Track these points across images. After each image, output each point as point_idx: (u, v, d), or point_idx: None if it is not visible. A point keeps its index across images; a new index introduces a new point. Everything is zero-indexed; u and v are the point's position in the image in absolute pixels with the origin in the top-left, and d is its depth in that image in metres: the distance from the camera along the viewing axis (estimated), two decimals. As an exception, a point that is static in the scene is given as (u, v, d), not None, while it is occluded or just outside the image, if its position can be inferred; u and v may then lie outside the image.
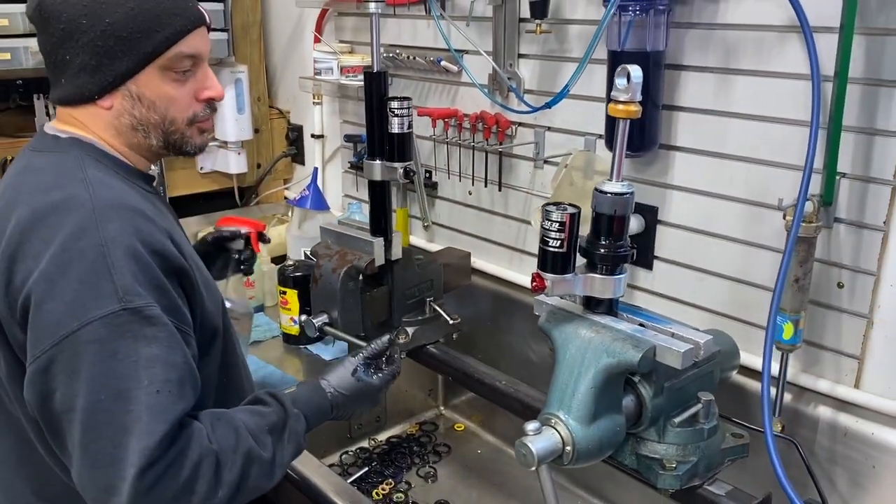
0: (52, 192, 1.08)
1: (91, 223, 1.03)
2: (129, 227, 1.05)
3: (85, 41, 1.10)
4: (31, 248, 1.03)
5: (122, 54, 1.12)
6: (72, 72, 1.13)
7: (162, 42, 1.13)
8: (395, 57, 2.05)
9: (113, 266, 1.00)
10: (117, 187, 1.12)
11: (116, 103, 1.15)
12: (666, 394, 1.26)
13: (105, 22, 1.10)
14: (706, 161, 1.52)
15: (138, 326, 1.00)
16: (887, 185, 1.29)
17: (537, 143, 1.83)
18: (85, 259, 1.01)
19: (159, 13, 1.13)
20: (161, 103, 1.16)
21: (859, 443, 1.39)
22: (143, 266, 1.04)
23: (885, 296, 1.33)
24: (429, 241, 2.20)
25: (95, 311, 0.99)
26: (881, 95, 1.26)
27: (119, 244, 1.02)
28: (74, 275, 1.00)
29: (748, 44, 1.41)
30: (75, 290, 1.00)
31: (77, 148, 1.16)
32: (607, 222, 1.19)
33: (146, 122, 1.17)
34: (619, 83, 1.13)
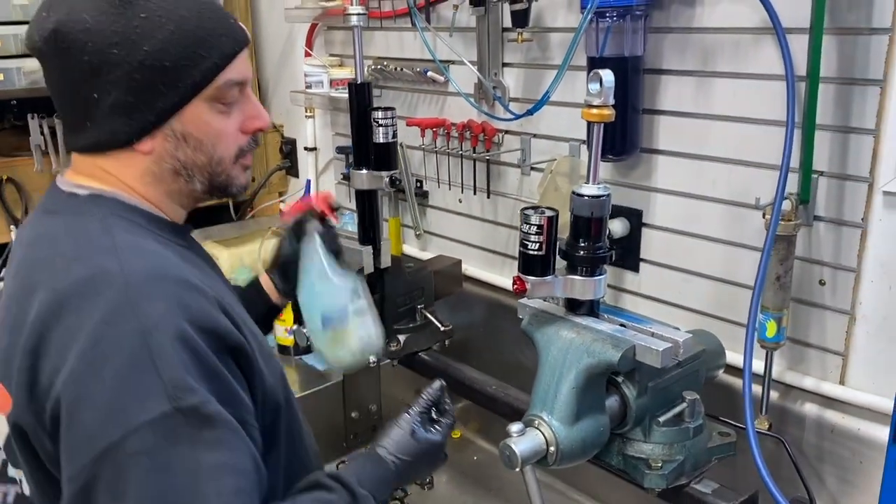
0: (74, 267, 0.90)
1: (126, 304, 0.85)
2: (174, 304, 0.87)
3: (118, 75, 0.92)
4: (56, 340, 0.86)
5: (164, 87, 0.94)
6: (101, 113, 0.94)
7: (210, 69, 0.96)
8: (382, 69, 2.08)
9: (158, 356, 0.82)
10: (152, 251, 0.94)
11: (157, 146, 0.98)
12: (650, 393, 1.27)
13: (142, 50, 0.92)
14: (688, 163, 1.53)
15: (195, 429, 0.82)
16: (863, 182, 1.30)
17: (523, 150, 1.85)
18: (122, 351, 0.83)
19: (204, 35, 0.95)
20: (208, 140, 1.00)
21: (846, 439, 1.40)
22: (195, 352, 0.85)
23: (866, 292, 1.34)
24: (421, 250, 2.22)
25: (140, 416, 0.81)
26: (854, 94, 1.28)
27: (163, 328, 0.84)
28: (111, 372, 0.82)
29: (725, 46, 1.43)
30: (113, 390, 0.82)
31: (100, 206, 0.97)
32: (585, 224, 1.21)
33: (191, 164, 1.00)
34: (592, 88, 1.15)
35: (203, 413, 0.83)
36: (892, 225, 1.28)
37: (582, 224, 1.21)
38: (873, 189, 1.29)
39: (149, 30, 0.92)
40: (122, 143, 0.97)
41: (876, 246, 1.31)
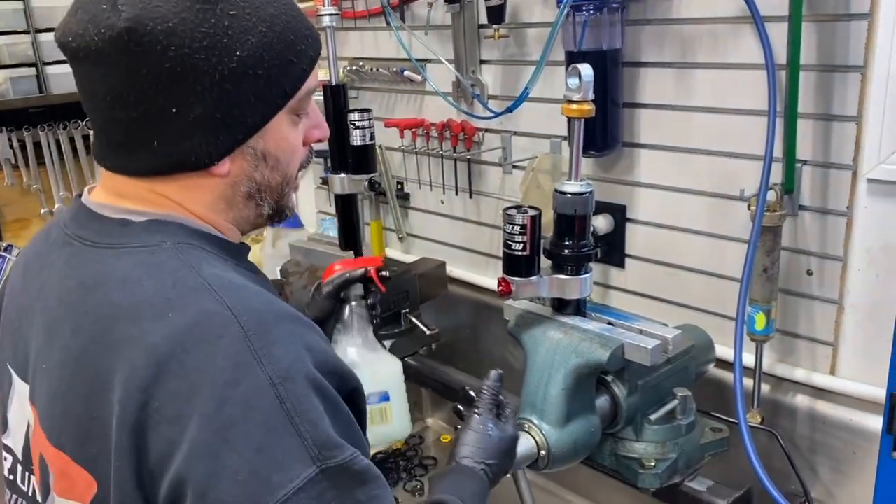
0: (168, 314, 0.75)
1: (247, 353, 0.72)
2: (298, 346, 0.75)
3: (206, 85, 0.78)
4: (165, 407, 0.72)
5: (255, 99, 0.81)
6: (177, 130, 0.80)
7: (299, 77, 0.85)
8: (358, 70, 2.05)
9: (295, 412, 0.71)
10: (245, 286, 0.80)
11: (235, 167, 0.84)
12: (640, 392, 1.26)
13: (235, 56, 0.79)
14: (670, 156, 1.51)
15: (347, 490, 0.72)
16: (847, 169, 1.28)
17: (504, 148, 1.82)
18: (254, 412, 0.70)
19: (293, 37, 0.83)
20: (285, 158, 0.88)
21: (838, 429, 1.38)
22: (329, 399, 0.75)
23: (854, 281, 1.33)
24: (405, 253, 2.19)
25: (286, 486, 0.69)
26: (835, 81, 1.27)
27: (294, 376, 0.72)
28: (245, 439, 0.70)
29: (703, 37, 1.41)
30: (251, 461, 0.69)
31: (165, 235, 0.82)
32: (569, 222, 1.19)
33: (266, 186, 0.87)
34: (571, 83, 1.13)
35: (353, 471, 0.73)
36: (877, 212, 1.27)
37: (565, 222, 1.19)
38: (857, 176, 1.28)
39: (240, 31, 0.79)
40: (198, 166, 0.82)
41: (862, 234, 1.30)
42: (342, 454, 0.72)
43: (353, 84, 2.13)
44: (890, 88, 1.21)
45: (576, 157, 1.17)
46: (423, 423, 2.22)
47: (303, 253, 1.70)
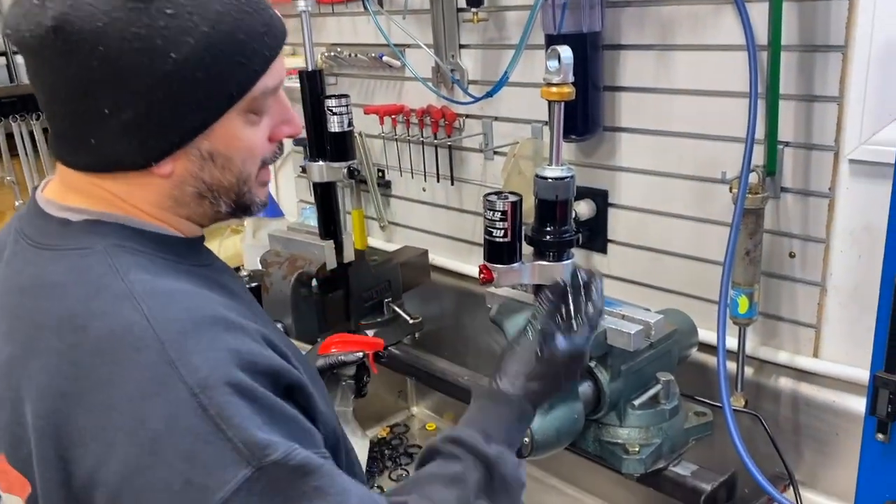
0: (86, 324, 0.74)
1: (166, 366, 0.70)
2: (220, 352, 0.73)
3: (139, 88, 0.74)
4: (87, 424, 0.71)
5: (195, 103, 0.77)
6: (110, 131, 0.77)
7: (250, 77, 0.79)
8: (336, 55, 2.02)
9: (220, 418, 0.69)
10: (174, 291, 0.78)
11: (178, 168, 0.81)
12: (624, 377, 1.25)
13: (170, 59, 0.74)
14: (652, 140, 1.50)
15: (288, 485, 0.71)
16: (829, 150, 1.28)
17: (485, 134, 1.80)
18: (178, 423, 0.69)
19: (243, 37, 0.77)
20: (238, 157, 0.83)
21: (822, 411, 1.38)
22: (257, 400, 0.73)
23: (836, 263, 1.32)
24: (387, 242, 2.16)
25: (222, 489, 0.68)
26: (816, 61, 1.26)
27: (215, 384, 0.70)
28: (173, 451, 0.69)
29: (684, 18, 1.40)
30: (183, 472, 0.69)
31: (100, 236, 0.80)
32: (550, 208, 1.17)
33: (217, 186, 0.83)
34: (551, 65, 1.11)
35: (291, 465, 0.71)
36: (859, 193, 1.27)
37: (547, 208, 1.17)
38: (839, 157, 1.27)
39: (178, 32, 0.74)
40: (136, 167, 0.80)
41: (844, 215, 1.29)
42: (276, 451, 0.70)
43: (332, 70, 2.10)
44: (871, 68, 1.20)
45: (556, 142, 1.15)
46: (408, 412, 2.21)
47: (282, 243, 1.67)
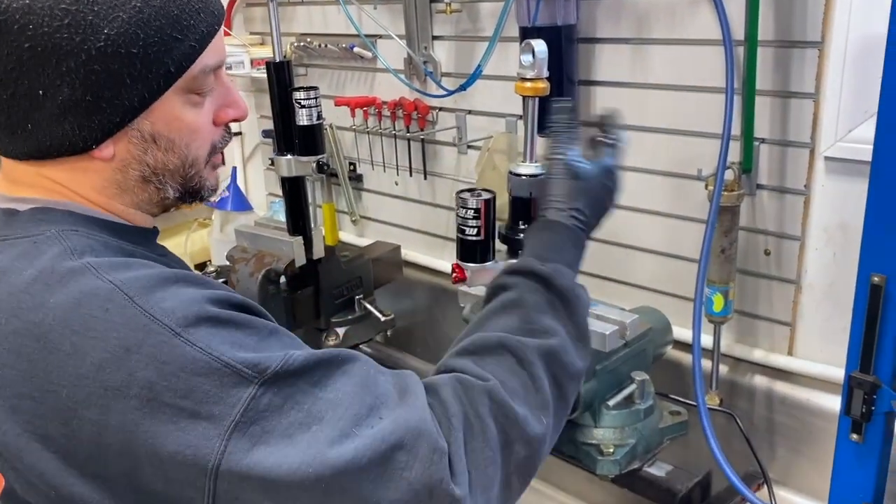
0: (44, 300, 0.72)
1: (140, 315, 0.70)
2: (188, 296, 0.72)
3: (71, 67, 0.73)
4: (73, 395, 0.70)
5: (131, 80, 0.75)
6: (47, 114, 0.75)
7: (187, 55, 0.78)
8: (306, 46, 1.97)
9: (211, 348, 0.69)
10: (133, 263, 0.76)
11: (120, 151, 0.79)
12: (598, 377, 1.23)
13: (102, 35, 0.73)
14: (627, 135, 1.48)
15: (293, 387, 0.71)
16: (805, 147, 1.27)
17: (459, 127, 1.77)
18: (169, 364, 0.68)
19: (177, 12, 0.77)
20: (181, 140, 0.82)
21: (796, 410, 1.38)
22: (239, 325, 0.72)
23: (811, 260, 1.31)
24: (359, 236, 2.13)
25: (231, 413, 0.68)
26: (793, 57, 1.24)
27: (196, 320, 0.70)
28: (170, 392, 0.68)
29: (660, 12, 1.38)
30: (185, 408, 0.68)
31: (51, 223, 0.79)
32: (524, 205, 1.14)
33: (162, 169, 0.82)
34: (524, 59, 1.08)
35: (291, 370, 0.70)
36: (835, 191, 1.26)
37: (521, 205, 1.14)
38: (815, 155, 1.26)
39: (109, 7, 0.73)
40: (76, 150, 0.78)
41: (819, 213, 1.28)
42: (274, 361, 0.70)
43: (302, 61, 2.05)
44: (847, 65, 1.19)
45: (530, 138, 1.12)
46: (380, 410, 2.18)
47: (249, 239, 1.62)
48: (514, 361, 0.80)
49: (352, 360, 0.74)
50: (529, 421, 0.78)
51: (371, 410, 0.71)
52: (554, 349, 0.83)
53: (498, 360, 0.80)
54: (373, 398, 0.72)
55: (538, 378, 0.81)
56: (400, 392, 0.74)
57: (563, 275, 0.89)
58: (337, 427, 0.69)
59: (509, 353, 0.81)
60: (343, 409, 0.70)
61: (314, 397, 0.71)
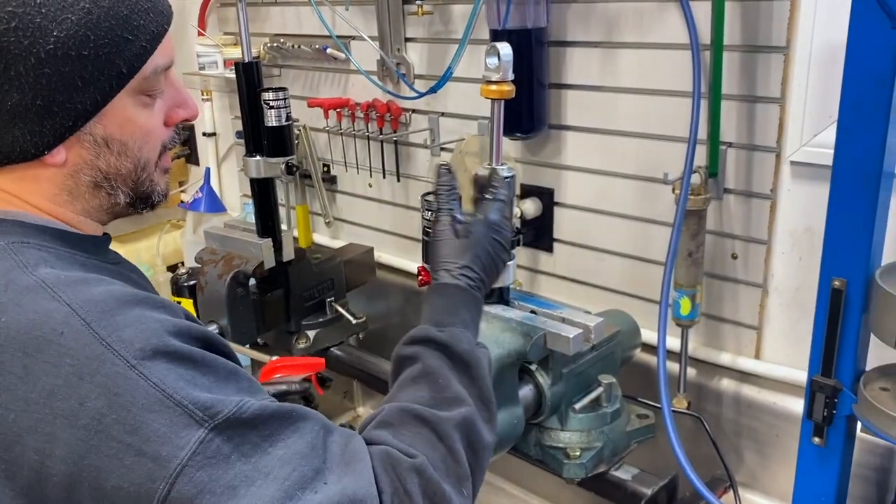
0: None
1: (95, 343, 0.68)
2: (149, 323, 0.70)
3: (20, 71, 0.72)
4: (20, 420, 0.68)
5: (83, 83, 0.74)
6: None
7: (138, 55, 0.77)
8: (279, 46, 1.96)
9: (165, 384, 0.67)
10: (86, 277, 0.75)
11: (72, 156, 0.78)
12: (565, 380, 1.23)
13: (52, 37, 0.72)
14: (597, 139, 1.48)
15: (243, 438, 0.69)
16: (771, 152, 1.27)
17: (432, 129, 1.77)
18: (121, 397, 0.66)
19: (127, 12, 0.76)
20: (134, 143, 0.80)
21: (763, 413, 1.38)
22: (197, 362, 0.71)
23: (778, 264, 1.32)
24: (333, 238, 2.12)
25: (178, 455, 0.66)
26: (759, 62, 1.25)
27: (153, 353, 0.68)
28: (118, 426, 0.66)
29: (629, 16, 1.38)
30: (132, 445, 0.66)
31: (1, 236, 0.77)
32: (490, 208, 1.14)
33: (115, 174, 0.81)
34: (490, 62, 1.08)
35: (244, 419, 0.69)
36: (801, 195, 1.26)
37: (486, 207, 1.14)
38: (781, 159, 1.27)
39: (57, 9, 0.72)
40: (27, 157, 0.76)
41: (785, 217, 1.29)
42: (227, 407, 0.69)
43: (275, 62, 2.04)
44: (811, 70, 1.20)
45: (496, 140, 1.12)
46: (354, 413, 2.17)
47: (219, 240, 1.61)
48: (433, 436, 0.79)
49: (304, 418, 0.73)
50: (454, 497, 0.77)
51: (317, 474, 0.70)
52: (468, 419, 0.82)
53: (417, 433, 0.79)
54: (320, 461, 0.71)
55: (456, 451, 0.80)
56: (347, 457, 0.73)
57: (461, 339, 0.88)
58: (282, 487, 0.68)
59: (427, 426, 0.80)
60: (290, 469, 0.69)
61: (262, 451, 0.69)
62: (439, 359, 0.86)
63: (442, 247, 0.96)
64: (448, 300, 0.93)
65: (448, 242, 0.96)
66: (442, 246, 0.97)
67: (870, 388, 1.04)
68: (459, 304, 0.93)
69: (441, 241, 0.97)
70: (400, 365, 0.88)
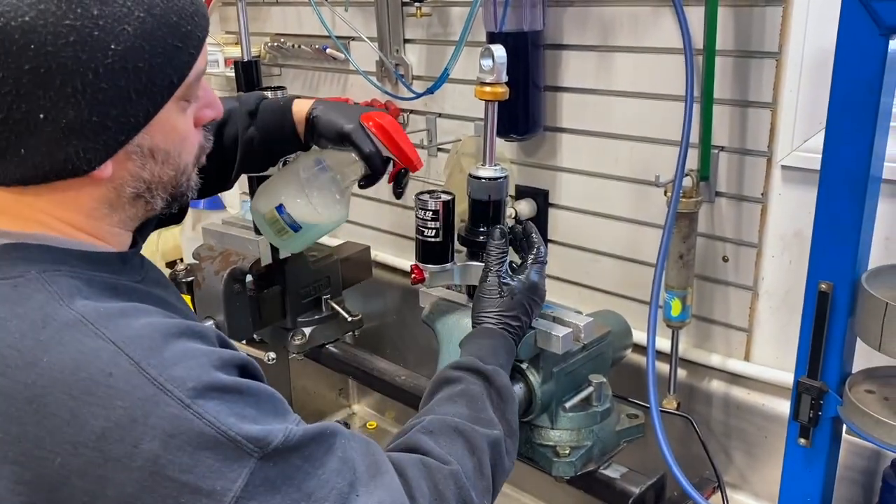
0: (36, 359, 0.67)
1: (147, 385, 0.67)
2: (197, 358, 0.70)
3: (78, 87, 0.69)
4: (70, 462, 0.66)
5: (137, 96, 0.72)
6: (47, 137, 0.70)
7: (186, 63, 0.75)
8: (280, 46, 1.97)
9: (217, 422, 0.67)
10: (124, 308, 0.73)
11: (119, 169, 0.75)
12: (555, 379, 1.24)
13: (110, 51, 0.69)
14: (592, 141, 1.50)
15: (293, 467, 0.71)
16: (762, 156, 1.29)
17: (429, 130, 1.78)
18: (176, 438, 0.66)
19: (176, 19, 0.73)
20: (175, 150, 0.79)
21: (752, 415, 1.40)
22: (243, 393, 0.71)
23: (768, 267, 1.33)
24: (331, 236, 2.12)
25: (232, 488, 0.67)
26: (751, 66, 1.26)
27: (204, 389, 0.68)
28: (173, 466, 0.66)
29: (624, 19, 1.39)
30: (187, 483, 0.67)
31: (29, 262, 0.73)
32: (483, 208, 1.15)
33: (157, 183, 0.79)
34: (484, 64, 1.10)
35: (290, 446, 0.71)
36: (791, 199, 1.28)
37: (479, 208, 1.15)
38: (772, 163, 1.28)
39: (114, 20, 0.69)
40: (77, 173, 0.73)
41: (776, 220, 1.30)
42: (276, 437, 0.70)
43: (276, 61, 2.05)
44: (803, 76, 1.21)
45: (489, 142, 1.14)
46: (349, 410, 2.18)
47: (216, 237, 1.63)
48: (467, 447, 0.86)
49: (333, 434, 0.76)
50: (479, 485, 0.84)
51: (351, 487, 0.73)
52: (498, 440, 0.90)
53: (453, 442, 0.85)
54: (351, 474, 0.74)
55: (485, 465, 0.87)
56: (371, 468, 0.77)
57: (501, 375, 0.97)
58: None
59: (463, 437, 0.86)
60: (329, 489, 0.72)
61: (305, 473, 0.72)
62: (481, 386, 0.94)
63: (488, 302, 1.06)
64: (491, 343, 1.02)
65: (494, 300, 1.06)
66: (488, 302, 1.06)
67: (855, 391, 1.06)
68: (500, 348, 1.02)
69: (488, 298, 1.06)
70: (442, 384, 0.95)
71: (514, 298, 1.06)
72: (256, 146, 1.15)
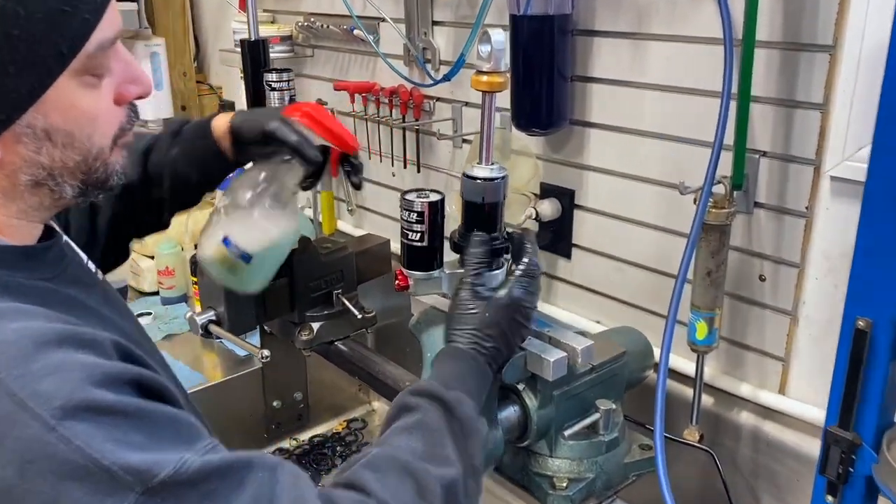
0: None
1: (9, 402, 0.59)
2: (74, 371, 0.62)
3: None
4: None
5: (16, 69, 0.65)
6: None
7: (80, 29, 0.67)
8: (310, 26, 1.89)
9: (90, 447, 0.59)
10: (3, 309, 0.66)
11: (9, 154, 0.69)
12: (556, 403, 1.12)
13: None
14: (623, 138, 1.35)
15: (180, 500, 0.62)
16: (809, 164, 1.12)
17: (455, 119, 1.67)
18: (35, 464, 0.58)
19: None
20: (81, 131, 0.71)
21: (783, 454, 1.24)
22: (128, 414, 0.63)
23: (810, 290, 1.17)
24: (356, 227, 2.05)
25: None
26: (801, 61, 1.10)
27: (76, 409, 0.60)
28: (33, 499, 0.58)
29: (661, 4, 1.24)
30: None
31: None
32: (477, 211, 1.04)
33: (60, 168, 0.72)
34: (482, 50, 0.98)
35: (182, 479, 0.61)
36: (840, 215, 1.11)
37: (473, 211, 1.04)
38: (820, 173, 1.12)
39: None
40: None
41: (821, 238, 1.14)
42: (164, 468, 0.60)
43: (308, 42, 1.97)
44: (860, 74, 1.04)
45: (486, 138, 1.02)
46: (368, 407, 2.11)
47: (223, 224, 1.56)
48: (416, 489, 0.75)
49: (249, 468, 0.65)
50: None
51: None
52: (454, 482, 0.78)
53: (400, 483, 0.74)
54: None
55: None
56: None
57: (465, 404, 0.84)
58: None
59: (413, 478, 0.75)
60: None
61: None
62: (440, 418, 0.82)
63: (459, 319, 0.94)
64: (457, 365, 0.91)
65: (465, 316, 0.93)
66: (458, 318, 0.94)
67: (894, 448, 0.90)
68: (468, 372, 0.91)
69: (458, 313, 0.94)
70: (399, 411, 0.84)
71: (488, 315, 0.93)
72: (181, 168, 1.07)
